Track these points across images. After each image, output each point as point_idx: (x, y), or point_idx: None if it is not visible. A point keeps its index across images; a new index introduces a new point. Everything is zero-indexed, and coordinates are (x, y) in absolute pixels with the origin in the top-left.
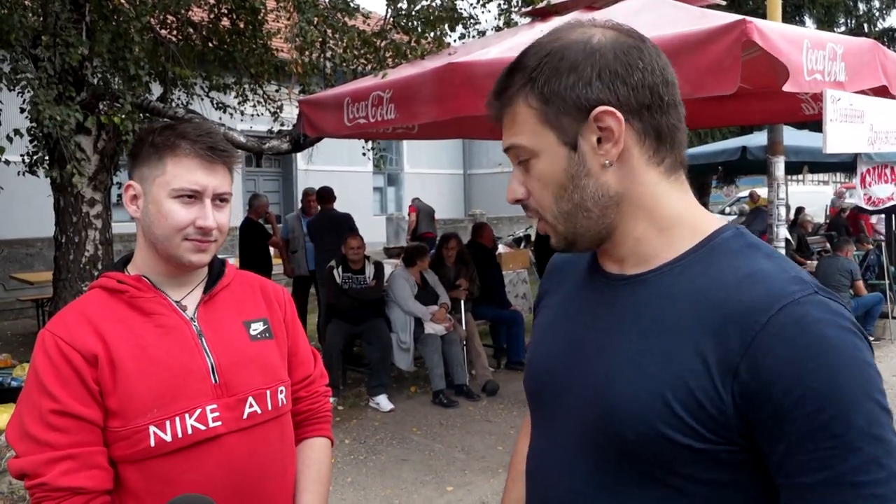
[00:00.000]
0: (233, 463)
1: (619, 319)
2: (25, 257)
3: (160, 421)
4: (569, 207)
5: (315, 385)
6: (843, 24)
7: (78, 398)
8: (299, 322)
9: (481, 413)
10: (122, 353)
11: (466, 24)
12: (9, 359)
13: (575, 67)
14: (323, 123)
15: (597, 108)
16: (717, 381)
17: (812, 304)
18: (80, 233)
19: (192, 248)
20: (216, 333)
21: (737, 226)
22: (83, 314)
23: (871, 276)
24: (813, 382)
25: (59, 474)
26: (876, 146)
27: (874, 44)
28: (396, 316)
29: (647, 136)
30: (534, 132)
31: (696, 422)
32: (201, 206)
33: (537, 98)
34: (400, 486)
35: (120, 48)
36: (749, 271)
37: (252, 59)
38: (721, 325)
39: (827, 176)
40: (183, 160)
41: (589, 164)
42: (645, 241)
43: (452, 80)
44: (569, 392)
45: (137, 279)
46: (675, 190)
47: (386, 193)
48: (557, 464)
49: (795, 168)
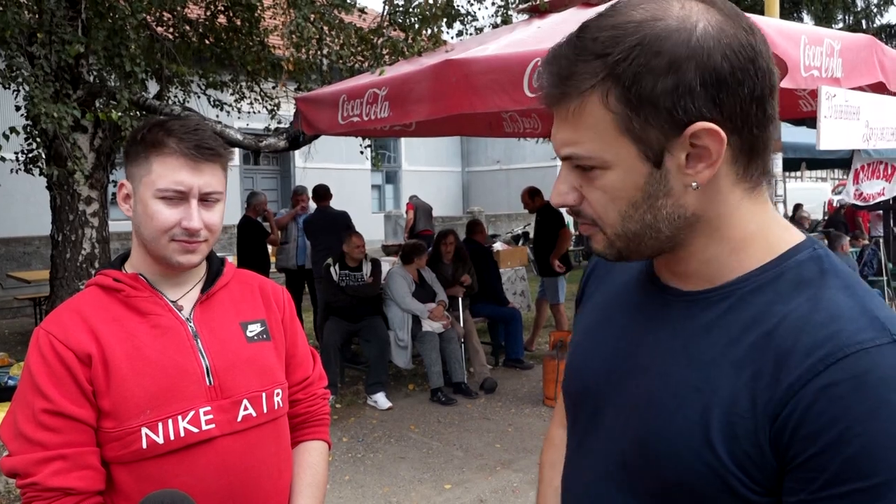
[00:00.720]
0: (226, 465)
1: (670, 340)
2: (23, 255)
3: (152, 423)
4: (637, 228)
5: (313, 387)
6: (842, 20)
7: (71, 398)
8: (298, 323)
9: (479, 411)
10: (117, 354)
11: (464, 21)
12: (6, 357)
13: (675, 67)
14: (318, 121)
15: (696, 125)
16: (759, 425)
17: (885, 357)
18: (76, 231)
19: (180, 250)
20: (212, 335)
21: (815, 245)
22: (78, 313)
23: (869, 273)
24: (849, 450)
25: (50, 474)
26: (871, 142)
27: (872, 40)
28: (394, 314)
29: (742, 154)
30: (608, 140)
31: (740, 469)
32: (187, 206)
33: (621, 100)
34: (398, 484)
35: (116, 45)
36: (818, 305)
37: (249, 57)
38: (777, 366)
39: (825, 173)
40: (168, 159)
41: (671, 185)
42: (714, 262)
43: (449, 77)
44: (610, 409)
45: (134, 277)
46: (754, 205)
47: (384, 191)
48: (591, 481)
49: (793, 165)
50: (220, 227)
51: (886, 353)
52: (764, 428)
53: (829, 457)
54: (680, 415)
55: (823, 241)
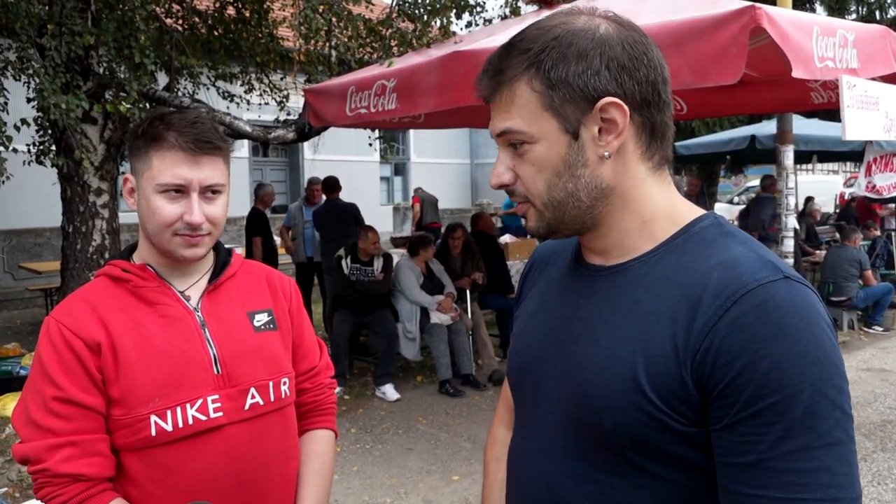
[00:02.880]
0: (234, 453)
1: (597, 308)
2: (34, 247)
3: (161, 410)
4: (561, 196)
5: (320, 376)
6: (854, 11)
7: (80, 386)
8: (305, 313)
9: (487, 403)
10: (125, 342)
11: (472, 12)
12: (18, 347)
13: (584, 55)
14: (326, 113)
15: (604, 99)
16: (682, 364)
17: (778, 289)
18: (87, 222)
19: (183, 244)
20: (219, 324)
21: (715, 216)
22: (87, 302)
23: (880, 266)
24: (761, 367)
25: (60, 461)
26: (892, 133)
27: (886, 30)
28: (402, 306)
29: (643, 131)
30: (534, 117)
31: (669, 406)
32: (188, 200)
33: (542, 82)
34: (406, 475)
35: (125, 37)
36: (722, 258)
37: (258, 48)
38: (691, 311)
39: (836, 165)
40: (167, 154)
41: (587, 155)
42: (628, 234)
43: (458, 68)
44: (548, 381)
45: (142, 268)
46: (659, 184)
47: (393, 183)
48: (538, 454)
49: (805, 157)
50: (223, 220)
51: (780, 286)
52: (686, 365)
53: (745, 379)
54: (611, 368)
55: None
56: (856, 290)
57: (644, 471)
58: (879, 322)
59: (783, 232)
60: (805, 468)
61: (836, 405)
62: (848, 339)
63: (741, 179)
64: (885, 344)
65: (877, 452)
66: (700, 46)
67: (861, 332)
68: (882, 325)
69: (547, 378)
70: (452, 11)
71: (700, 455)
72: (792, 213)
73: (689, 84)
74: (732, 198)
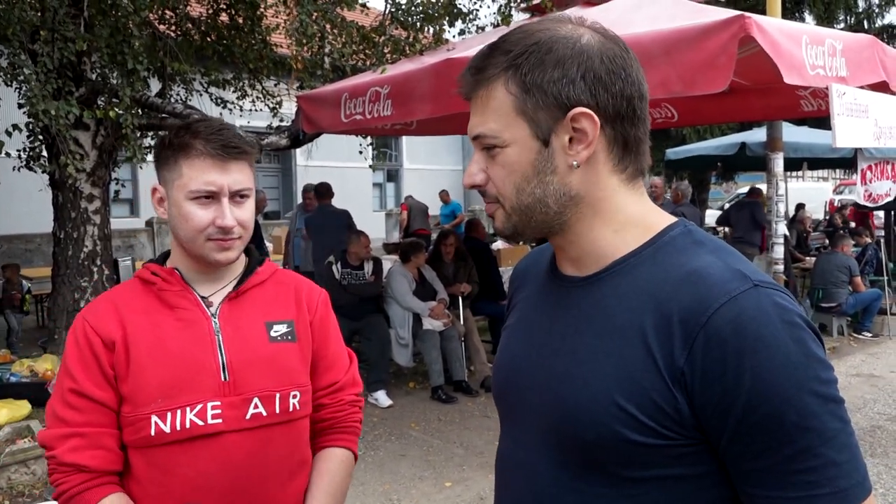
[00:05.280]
0: (230, 461)
1: (574, 321)
2: (24, 253)
3: (162, 412)
4: (529, 201)
5: (342, 393)
6: (843, 20)
7: (94, 381)
8: (333, 326)
9: (480, 409)
10: (139, 343)
11: (465, 20)
12: (7, 354)
13: (561, 63)
14: (320, 119)
15: (575, 109)
16: (668, 382)
17: (749, 299)
18: (78, 228)
19: (216, 248)
20: (234, 331)
21: (686, 223)
22: (112, 302)
23: (869, 272)
24: (746, 383)
25: (67, 450)
26: (881, 141)
27: (873, 40)
28: (395, 312)
29: (615, 144)
30: (507, 121)
31: (652, 420)
32: (219, 205)
33: (518, 85)
34: (398, 482)
35: (118, 43)
36: (691, 269)
37: (251, 55)
38: (666, 326)
39: (826, 172)
40: (196, 161)
41: (556, 162)
42: (599, 241)
43: (451, 76)
44: (530, 393)
45: (170, 272)
46: (632, 195)
47: (385, 189)
48: (522, 466)
49: (794, 164)
50: (251, 223)
51: (751, 296)
52: (669, 380)
53: (732, 396)
54: (590, 382)
55: (824, 241)
56: (845, 296)
57: (627, 481)
58: (868, 328)
59: (773, 238)
60: (812, 466)
61: (827, 398)
62: (837, 344)
63: (732, 186)
64: (874, 349)
65: (866, 458)
66: (690, 55)
67: (850, 337)
68: (871, 331)
69: (529, 389)
70: (445, 19)
71: (682, 466)
72: (782, 219)
73: (677, 92)
74: (723, 204)
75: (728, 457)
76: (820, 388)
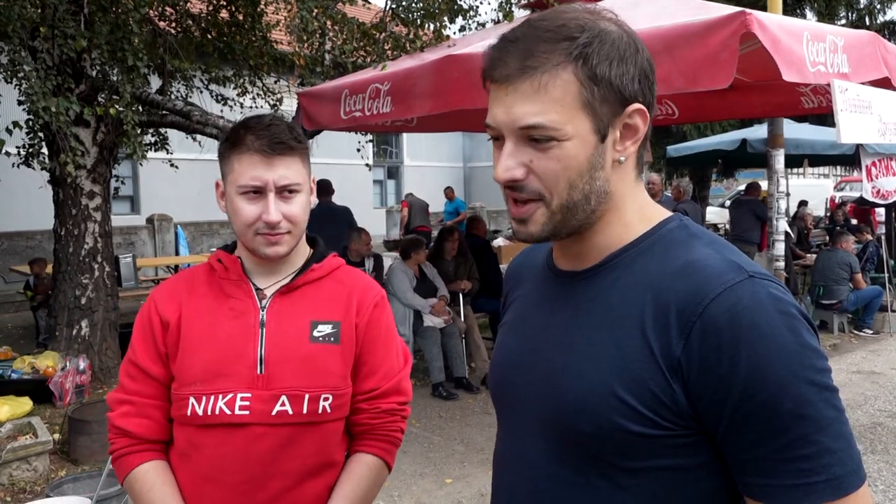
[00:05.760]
0: (250, 453)
1: (572, 315)
2: (25, 249)
3: (199, 394)
4: (578, 198)
5: (381, 401)
6: (844, 17)
7: (149, 355)
8: (384, 330)
9: (480, 405)
10: (191, 326)
11: (466, 16)
12: (9, 351)
13: (624, 59)
14: (320, 116)
15: (635, 104)
16: (665, 372)
17: (744, 290)
18: (79, 225)
19: (265, 242)
20: (278, 326)
21: (681, 217)
22: (178, 284)
23: (870, 269)
24: (742, 371)
25: (119, 414)
26: (886, 137)
27: (874, 36)
28: (396, 309)
29: (644, 140)
30: (572, 113)
31: (650, 411)
32: (265, 200)
33: (589, 76)
34: (399, 479)
35: (119, 39)
36: (687, 260)
37: (251, 51)
38: (663, 317)
39: (827, 169)
40: (244, 157)
41: (606, 158)
42: (611, 239)
43: (451, 72)
44: (528, 389)
45: (233, 261)
46: (637, 187)
47: (386, 186)
48: (519, 460)
49: (795, 161)
50: (302, 217)
51: (745, 287)
52: (670, 373)
53: (728, 384)
54: (588, 374)
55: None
56: (846, 293)
57: (624, 472)
58: (869, 325)
59: (774, 235)
60: (808, 454)
61: (822, 386)
62: (838, 341)
63: (732, 183)
64: (874, 347)
65: (866, 455)
66: (691, 52)
67: (851, 335)
68: (872, 328)
69: (526, 385)
70: (446, 15)
71: (680, 456)
72: (783, 216)
73: (680, 88)
74: (724, 201)
75: (725, 446)
76: (815, 377)
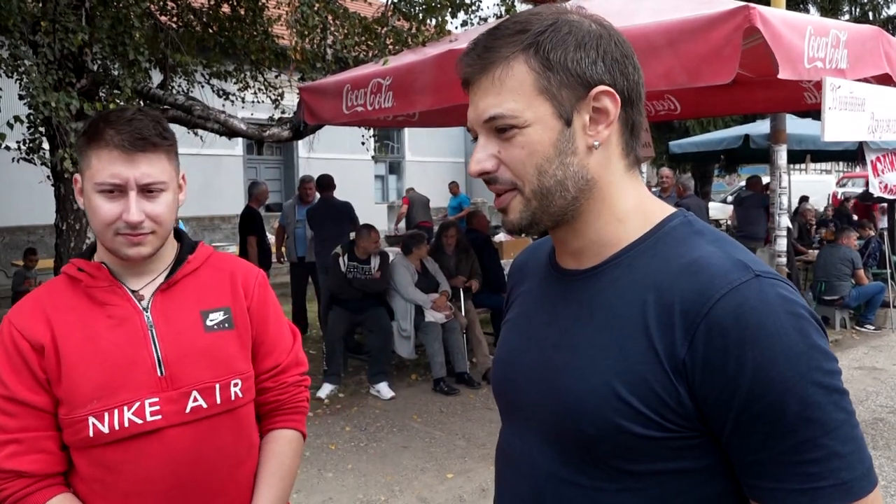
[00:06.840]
0: (173, 456)
1: (574, 314)
2: (27, 244)
3: (99, 412)
4: (551, 183)
5: (285, 375)
6: (848, 11)
7: (26, 385)
8: (272, 308)
9: (482, 401)
10: (68, 343)
11: (468, 11)
12: None
13: (582, 44)
14: (322, 111)
15: (598, 87)
16: (669, 373)
17: (751, 290)
18: (81, 220)
19: (126, 243)
20: (168, 325)
21: (685, 213)
22: (39, 302)
23: (872, 265)
24: (748, 372)
25: (5, 457)
26: (877, 134)
27: (878, 31)
28: (397, 304)
29: (625, 128)
30: (528, 100)
31: (654, 413)
32: (126, 199)
33: (541, 63)
34: (400, 473)
35: (120, 34)
36: (691, 259)
37: (253, 46)
38: (667, 317)
39: (829, 165)
40: (103, 153)
41: (577, 143)
42: (604, 231)
43: (453, 67)
44: (530, 389)
45: (97, 267)
46: (633, 182)
47: (387, 181)
48: (521, 460)
49: (798, 157)
50: (167, 217)
51: (752, 286)
52: (675, 374)
53: (735, 385)
54: (591, 375)
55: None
56: (848, 289)
57: (628, 475)
58: (871, 321)
59: (776, 231)
60: (815, 457)
61: (831, 388)
62: (840, 337)
63: (735, 179)
64: (876, 342)
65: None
66: (694, 46)
67: (853, 330)
68: (874, 324)
69: (529, 384)
70: (448, 10)
71: (685, 460)
72: (785, 212)
73: (682, 84)
74: (726, 197)
75: (730, 448)
76: (823, 379)
